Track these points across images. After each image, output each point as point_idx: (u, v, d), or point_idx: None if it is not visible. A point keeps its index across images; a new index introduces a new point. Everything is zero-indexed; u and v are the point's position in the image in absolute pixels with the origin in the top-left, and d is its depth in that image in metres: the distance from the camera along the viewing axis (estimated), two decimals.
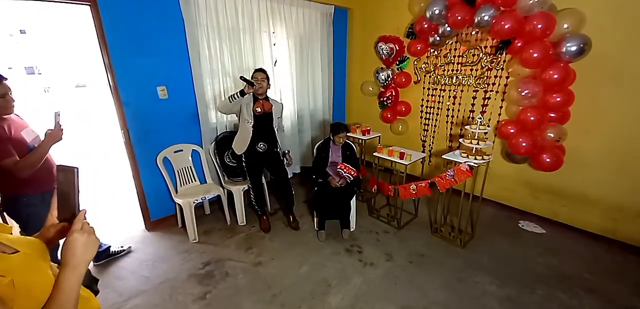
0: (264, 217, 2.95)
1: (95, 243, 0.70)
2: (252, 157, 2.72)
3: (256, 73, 2.54)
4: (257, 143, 2.66)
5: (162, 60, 2.69)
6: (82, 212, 0.71)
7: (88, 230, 0.69)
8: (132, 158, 2.71)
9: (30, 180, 1.68)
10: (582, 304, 2.01)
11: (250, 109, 2.56)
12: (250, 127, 2.60)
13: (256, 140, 2.65)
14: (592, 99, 2.48)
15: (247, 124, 2.60)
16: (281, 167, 2.88)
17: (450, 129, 3.54)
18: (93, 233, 0.70)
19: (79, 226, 0.68)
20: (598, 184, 2.61)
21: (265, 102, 2.60)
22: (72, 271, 0.65)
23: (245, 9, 3.08)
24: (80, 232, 0.67)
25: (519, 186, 3.11)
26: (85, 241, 0.67)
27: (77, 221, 0.68)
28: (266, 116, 2.64)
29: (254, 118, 2.58)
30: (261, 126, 2.64)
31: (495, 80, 3.01)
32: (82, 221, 0.69)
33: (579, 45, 2.29)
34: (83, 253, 0.66)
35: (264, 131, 2.66)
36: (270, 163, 2.85)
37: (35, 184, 1.73)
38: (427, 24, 3.16)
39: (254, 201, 2.94)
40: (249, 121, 2.59)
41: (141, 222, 2.96)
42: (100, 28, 2.34)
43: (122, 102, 2.54)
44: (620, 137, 2.44)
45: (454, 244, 2.67)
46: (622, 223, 2.55)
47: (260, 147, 2.68)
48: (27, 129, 1.76)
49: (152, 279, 2.31)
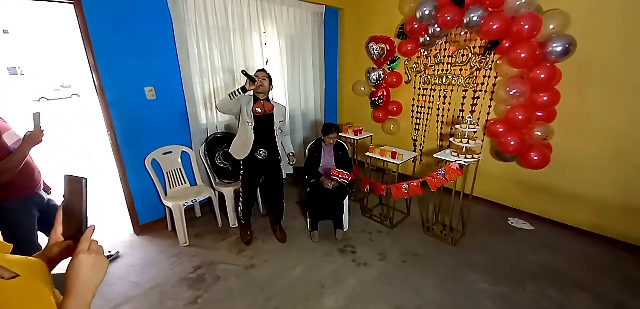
0: (247, 229, 2.79)
1: (104, 265, 0.61)
2: (251, 165, 2.55)
3: (258, 72, 2.42)
4: (258, 149, 2.49)
5: (150, 61, 2.63)
6: (89, 229, 0.62)
7: (96, 250, 0.60)
8: (120, 161, 2.64)
9: (9, 185, 1.62)
10: (572, 300, 2.05)
11: (251, 110, 2.41)
12: (251, 128, 2.43)
13: (257, 145, 2.47)
14: (577, 98, 2.54)
15: (248, 126, 2.43)
16: (278, 178, 2.74)
17: (441, 128, 3.57)
18: (102, 253, 0.62)
19: (85, 246, 0.59)
20: (584, 181, 2.68)
21: (266, 103, 2.44)
22: (77, 299, 0.56)
23: (235, 8, 3.04)
24: (88, 253, 0.59)
25: (509, 184, 3.16)
26: (93, 264, 0.58)
27: (84, 240, 0.60)
28: (267, 118, 2.48)
29: (254, 119, 2.43)
30: (262, 128, 2.46)
31: (485, 80, 3.06)
32: (90, 239, 0.60)
33: (565, 45, 2.34)
34: (90, 278, 0.58)
35: (264, 134, 2.49)
36: (268, 172, 2.67)
37: (15, 189, 1.66)
38: (417, 25, 3.19)
39: (241, 210, 2.74)
40: (250, 122, 2.43)
41: (129, 227, 2.87)
42: (85, 27, 2.27)
43: (108, 104, 2.48)
44: (604, 135, 2.50)
45: (446, 242, 2.70)
46: (609, 220, 2.62)
47: (261, 155, 2.50)
48: (9, 132, 1.68)
49: (142, 285, 2.25)
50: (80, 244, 0.59)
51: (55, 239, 0.67)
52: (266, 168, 2.62)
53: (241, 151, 2.51)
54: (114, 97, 2.49)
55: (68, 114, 11.53)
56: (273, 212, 2.95)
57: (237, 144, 2.54)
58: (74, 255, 0.59)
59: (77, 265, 0.57)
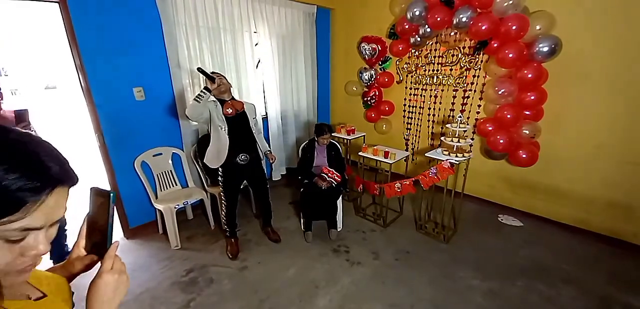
0: (232, 240, 2.60)
1: (126, 284, 0.59)
2: (231, 171, 2.40)
3: (212, 73, 2.20)
4: (238, 155, 2.35)
5: (138, 61, 2.58)
6: (113, 246, 0.58)
7: (119, 268, 0.58)
8: (108, 163, 2.59)
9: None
10: (560, 294, 2.11)
11: (221, 113, 2.26)
12: (224, 133, 2.27)
13: (235, 150, 2.32)
14: (563, 97, 2.61)
15: (221, 131, 2.27)
16: (262, 180, 2.65)
17: (432, 127, 3.62)
18: (124, 272, 0.59)
19: (109, 264, 0.56)
20: (570, 178, 2.75)
21: (234, 101, 2.32)
22: None
23: (225, 8, 3.01)
24: (111, 273, 0.56)
25: (498, 181, 3.22)
26: (116, 285, 0.56)
27: (107, 258, 0.57)
28: (240, 117, 2.35)
29: (227, 122, 2.28)
30: (237, 130, 2.33)
31: (474, 79, 3.11)
32: (113, 257, 0.58)
33: (551, 46, 2.40)
34: (112, 299, 0.55)
35: (241, 136, 2.36)
36: (251, 175, 2.57)
37: None
38: (408, 25, 3.22)
39: (225, 220, 2.57)
40: (222, 127, 2.27)
41: (119, 230, 2.81)
42: (70, 27, 2.21)
43: (95, 105, 2.42)
44: (588, 133, 2.58)
45: (438, 239, 2.73)
46: (594, 215, 2.69)
47: (242, 159, 2.37)
48: None
49: (132, 289, 2.20)
50: (104, 262, 0.57)
51: (77, 252, 0.64)
52: (246, 171, 2.48)
53: (216, 159, 2.35)
54: (101, 98, 2.43)
55: (51, 112, 11.19)
56: (261, 214, 2.87)
57: (211, 153, 2.36)
58: (97, 274, 0.56)
59: (101, 286, 0.55)
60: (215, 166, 2.39)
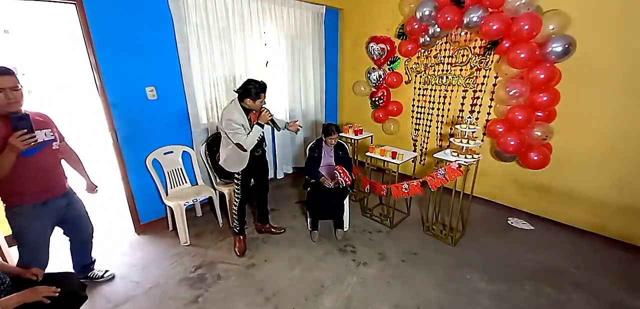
0: (241, 238, 2.63)
1: None
2: (248, 166, 2.42)
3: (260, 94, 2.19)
4: (255, 150, 2.39)
5: (151, 60, 2.64)
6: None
7: None
8: (121, 160, 2.65)
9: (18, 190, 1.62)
10: (570, 299, 2.06)
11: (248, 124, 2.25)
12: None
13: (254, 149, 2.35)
14: (576, 98, 2.55)
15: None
16: (266, 172, 2.72)
17: (441, 128, 3.58)
18: None
19: None
20: (583, 181, 2.68)
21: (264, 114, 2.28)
22: None
23: (235, 8, 3.05)
24: None
25: (508, 183, 3.17)
26: None
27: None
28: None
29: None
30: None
31: (484, 80, 3.07)
32: None
33: (564, 45, 2.35)
34: None
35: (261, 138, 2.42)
36: (261, 166, 2.62)
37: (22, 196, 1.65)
38: (417, 25, 3.19)
39: (236, 215, 2.58)
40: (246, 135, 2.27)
41: (131, 226, 2.88)
42: (86, 27, 2.28)
43: (109, 104, 2.49)
44: (602, 136, 2.51)
45: (445, 242, 2.71)
46: (606, 219, 2.63)
47: (257, 152, 2.44)
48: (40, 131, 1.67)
49: (142, 284, 2.26)
50: None
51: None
52: (258, 161, 2.53)
53: (238, 165, 2.39)
54: (116, 97, 2.50)
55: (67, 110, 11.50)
56: (260, 210, 2.86)
57: (232, 159, 2.37)
58: None
59: None
60: (237, 169, 2.41)
